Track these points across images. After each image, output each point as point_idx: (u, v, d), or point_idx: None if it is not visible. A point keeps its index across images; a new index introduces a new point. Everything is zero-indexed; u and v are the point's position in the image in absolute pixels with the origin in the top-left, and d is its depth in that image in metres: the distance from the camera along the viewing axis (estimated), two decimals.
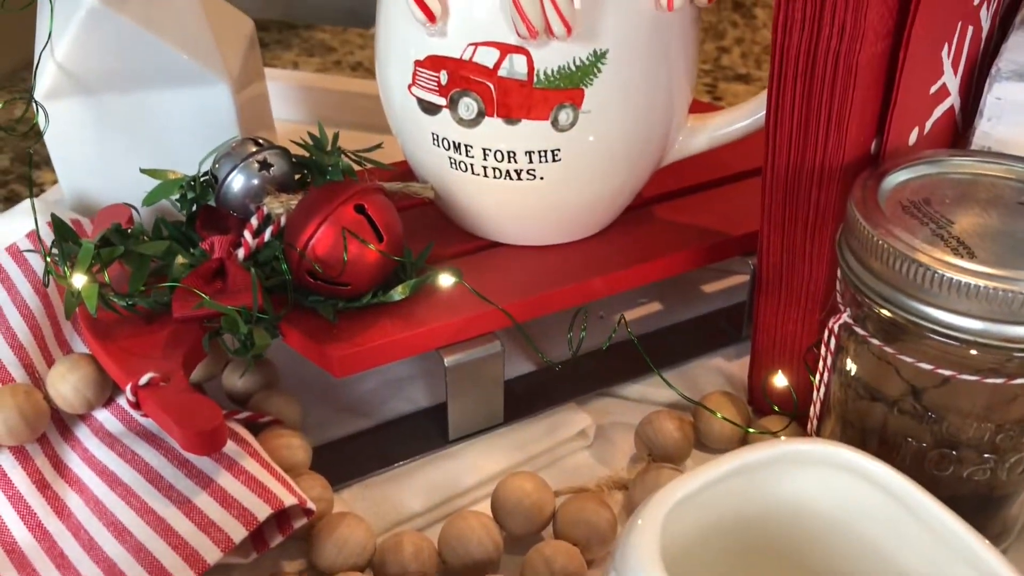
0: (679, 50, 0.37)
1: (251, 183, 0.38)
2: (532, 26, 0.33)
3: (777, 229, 0.36)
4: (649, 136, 0.38)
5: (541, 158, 0.36)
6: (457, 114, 0.36)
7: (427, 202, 0.41)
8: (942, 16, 0.33)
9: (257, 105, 0.48)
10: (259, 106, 0.49)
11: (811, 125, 0.33)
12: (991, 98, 0.36)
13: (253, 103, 0.48)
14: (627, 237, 0.41)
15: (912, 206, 0.31)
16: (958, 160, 0.32)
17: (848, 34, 0.31)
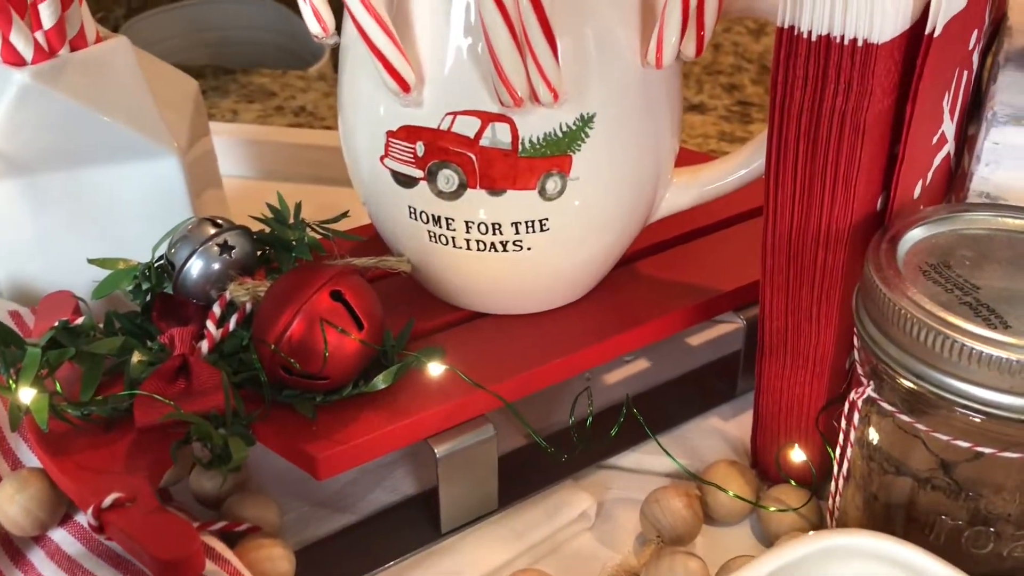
0: (665, 105, 0.35)
1: (211, 268, 0.35)
2: (516, 94, 0.30)
3: (780, 292, 0.34)
4: (638, 197, 0.36)
5: (528, 228, 0.34)
6: (436, 187, 0.33)
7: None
8: (945, 66, 0.31)
9: (205, 165, 0.45)
10: (207, 165, 0.46)
11: (816, 186, 0.31)
12: (988, 143, 0.35)
13: (201, 164, 0.44)
14: (614, 299, 0.39)
15: (932, 270, 0.29)
16: (970, 215, 0.31)
17: (855, 91, 0.29)
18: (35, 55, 0.36)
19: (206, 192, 0.45)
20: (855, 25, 0.28)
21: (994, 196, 0.36)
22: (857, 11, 0.28)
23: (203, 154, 0.45)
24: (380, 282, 0.40)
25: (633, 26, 0.32)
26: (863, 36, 0.28)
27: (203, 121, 0.46)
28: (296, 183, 0.61)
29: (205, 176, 0.45)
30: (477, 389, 0.34)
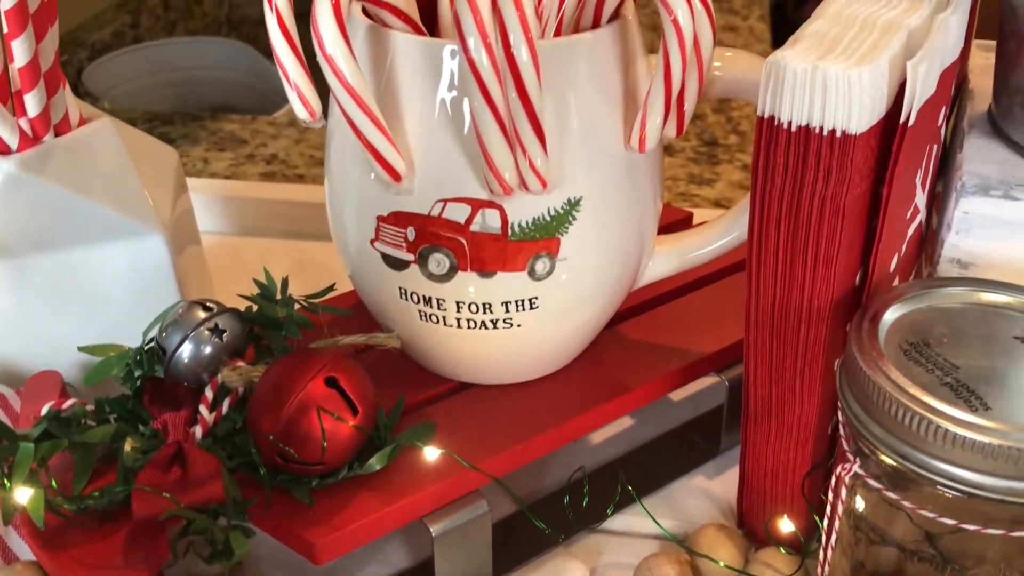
0: (649, 181, 0.36)
1: (203, 352, 0.35)
2: (507, 185, 0.31)
3: (764, 363, 0.35)
4: (624, 270, 0.37)
5: (519, 307, 0.34)
6: (427, 270, 0.34)
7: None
8: (918, 146, 0.32)
9: (185, 226, 0.45)
10: (186, 226, 0.46)
11: (797, 266, 0.32)
12: (959, 212, 0.36)
13: (181, 226, 0.44)
14: (599, 365, 0.40)
15: (913, 349, 0.30)
16: (944, 291, 0.32)
17: (835, 178, 0.30)
18: (20, 143, 0.36)
19: (187, 249, 0.45)
20: (834, 117, 0.29)
21: (965, 262, 0.37)
22: (835, 104, 0.29)
23: (183, 215, 0.45)
24: (368, 352, 0.40)
25: (617, 112, 0.33)
26: (841, 127, 0.29)
27: (182, 187, 0.46)
28: (273, 238, 0.61)
29: (185, 235, 0.45)
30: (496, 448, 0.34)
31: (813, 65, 0.29)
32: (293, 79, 0.34)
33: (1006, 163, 0.37)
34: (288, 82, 0.34)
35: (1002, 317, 0.31)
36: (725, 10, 1.43)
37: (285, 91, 0.34)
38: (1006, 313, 0.31)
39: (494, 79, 0.28)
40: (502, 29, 0.28)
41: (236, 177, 0.73)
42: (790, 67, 0.29)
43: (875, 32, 0.31)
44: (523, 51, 0.28)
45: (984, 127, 0.40)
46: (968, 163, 0.37)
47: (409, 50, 0.31)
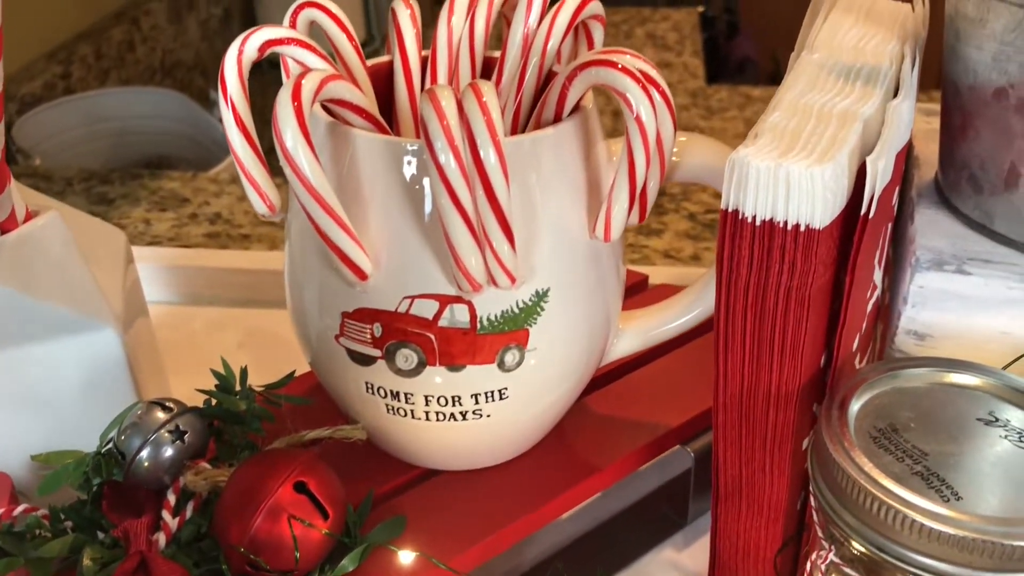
0: (614, 265, 0.36)
1: (164, 455, 0.34)
2: (476, 283, 0.31)
3: (733, 446, 0.35)
4: (591, 353, 0.37)
5: (488, 398, 0.34)
6: (395, 365, 0.33)
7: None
8: (876, 232, 0.33)
9: (134, 301, 0.44)
10: (135, 301, 0.44)
11: (764, 354, 0.32)
12: (914, 287, 0.37)
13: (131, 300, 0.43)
14: (566, 445, 0.40)
15: (882, 436, 0.30)
16: (908, 372, 0.33)
17: (799, 270, 0.30)
18: None
19: (139, 334, 0.43)
20: (797, 212, 0.29)
21: (921, 333, 0.38)
22: (799, 200, 0.29)
23: (133, 298, 0.44)
24: (332, 440, 0.39)
25: (581, 202, 0.33)
26: (805, 222, 0.29)
27: (131, 268, 0.45)
28: (223, 306, 0.60)
29: (136, 319, 0.44)
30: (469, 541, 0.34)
31: (776, 163, 0.29)
32: (251, 174, 0.33)
33: (956, 236, 0.38)
34: (245, 176, 0.34)
35: (966, 398, 0.32)
36: (659, 46, 1.46)
37: (243, 186, 0.34)
38: (969, 393, 0.32)
39: (461, 182, 0.28)
40: (469, 133, 0.28)
41: (179, 239, 0.72)
42: (753, 164, 0.29)
43: (832, 123, 0.31)
44: (491, 154, 0.28)
45: (932, 197, 0.41)
46: (920, 236, 0.38)
47: (371, 149, 0.31)
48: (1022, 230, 0.37)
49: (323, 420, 0.39)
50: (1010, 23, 0.34)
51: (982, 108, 0.36)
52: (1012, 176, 0.36)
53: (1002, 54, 0.34)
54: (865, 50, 0.37)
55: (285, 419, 0.37)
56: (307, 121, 0.29)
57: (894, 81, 0.35)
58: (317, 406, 0.39)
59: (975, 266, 0.37)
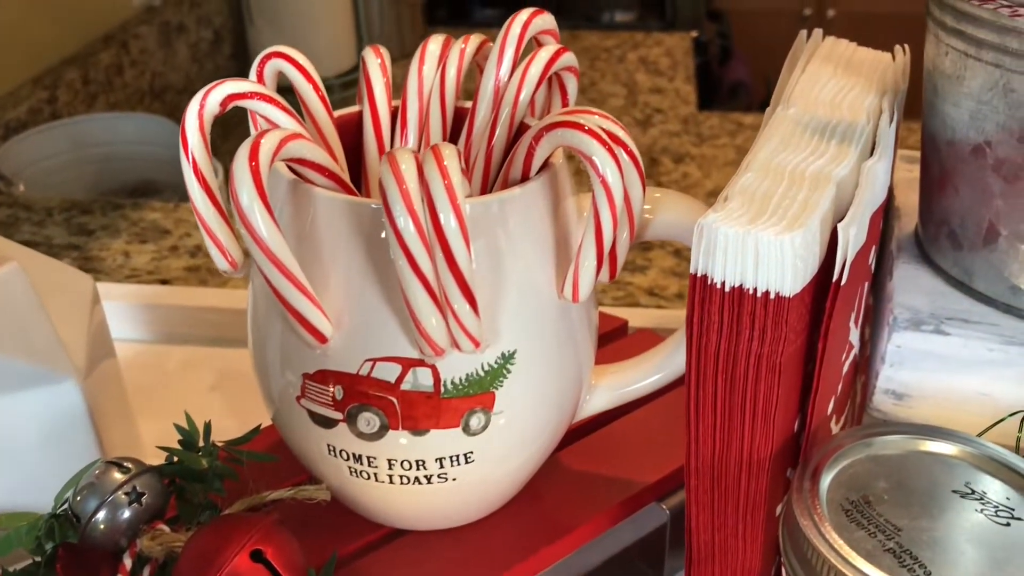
0: (585, 326, 0.35)
1: (120, 518, 0.33)
2: (438, 348, 0.30)
3: (706, 510, 0.34)
4: (562, 412, 0.36)
5: (453, 462, 0.33)
6: (357, 428, 0.32)
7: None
8: (851, 294, 0.32)
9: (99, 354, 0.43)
10: (101, 353, 0.43)
11: (735, 420, 0.31)
12: (892, 346, 0.36)
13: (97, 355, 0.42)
14: (539, 503, 0.39)
15: (854, 508, 0.30)
16: (884, 439, 0.32)
17: (770, 337, 0.30)
18: None
19: (104, 383, 0.43)
20: (767, 279, 0.29)
21: (900, 393, 0.37)
22: (769, 268, 0.28)
23: (98, 345, 0.43)
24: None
25: (549, 262, 0.32)
26: (775, 289, 0.29)
27: (97, 314, 0.44)
28: (197, 345, 0.59)
29: (101, 367, 0.43)
30: None
31: (745, 229, 0.28)
32: (212, 230, 0.33)
33: (935, 293, 0.37)
34: (207, 232, 0.33)
35: (941, 467, 0.31)
36: (652, 72, 1.46)
37: (204, 241, 0.33)
38: (945, 462, 0.31)
39: (420, 247, 0.28)
40: (428, 198, 0.27)
41: (158, 272, 0.71)
42: (722, 230, 0.29)
43: (805, 187, 0.31)
44: (451, 219, 0.27)
45: (912, 251, 0.40)
46: (899, 294, 0.37)
47: (332, 209, 0.30)
48: (1001, 289, 0.36)
49: (289, 476, 0.38)
50: (987, 82, 0.33)
51: (960, 165, 0.36)
52: (991, 234, 0.36)
53: (979, 112, 0.34)
54: (842, 104, 0.36)
55: (247, 483, 0.36)
56: (266, 180, 0.28)
57: (871, 138, 0.34)
58: (283, 462, 0.38)
59: (954, 326, 0.36)
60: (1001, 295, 0.36)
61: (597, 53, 1.72)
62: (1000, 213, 0.35)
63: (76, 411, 0.38)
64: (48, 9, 1.12)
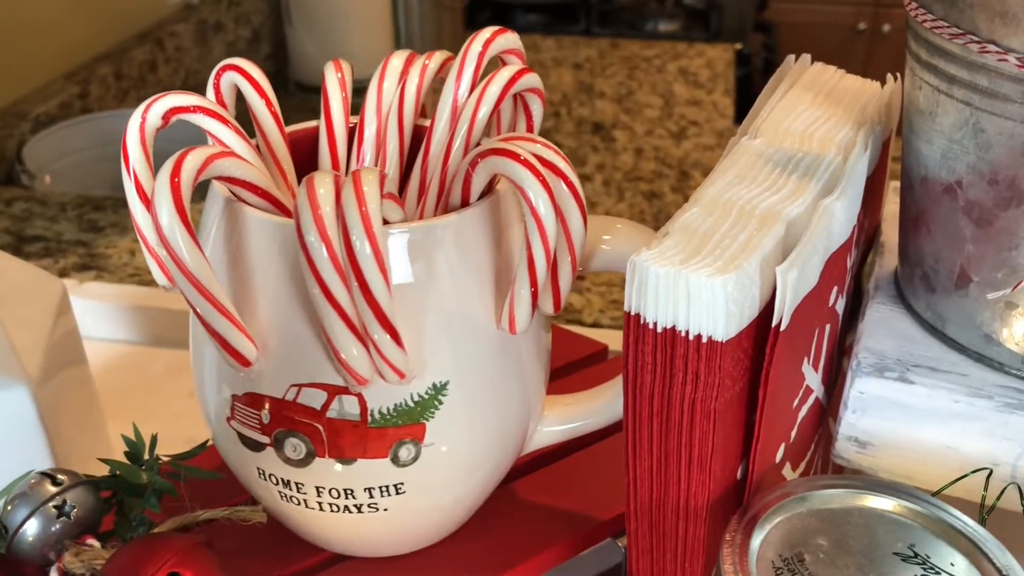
0: (529, 356, 0.34)
1: (49, 531, 0.33)
2: (360, 378, 0.29)
3: (645, 555, 0.33)
4: (504, 445, 0.35)
5: (383, 493, 0.32)
6: (284, 454, 0.32)
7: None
8: (798, 340, 0.31)
9: (62, 361, 0.43)
10: (66, 361, 0.43)
11: (671, 465, 0.30)
12: (854, 391, 0.35)
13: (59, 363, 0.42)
14: (489, 533, 0.38)
15: (785, 567, 0.28)
16: (827, 493, 0.30)
17: (703, 382, 0.28)
18: None
19: (64, 390, 0.42)
20: (699, 323, 0.27)
21: (863, 441, 0.35)
22: (700, 310, 0.27)
23: (61, 353, 0.43)
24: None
25: (487, 291, 0.31)
26: (707, 333, 0.27)
27: (66, 321, 0.44)
28: (183, 349, 0.59)
29: (64, 375, 0.43)
30: None
31: (676, 269, 0.27)
32: (151, 246, 0.32)
33: (906, 337, 0.36)
34: (147, 248, 0.32)
35: (886, 526, 0.29)
36: (691, 83, 1.44)
37: (145, 256, 0.33)
38: (892, 520, 0.30)
39: (334, 275, 0.27)
40: (344, 225, 0.26)
41: None
42: (652, 270, 0.27)
43: (751, 224, 0.29)
44: (365, 247, 0.26)
45: (890, 291, 0.38)
46: (867, 337, 0.36)
47: (258, 229, 0.30)
48: (973, 337, 0.34)
49: (233, 495, 0.38)
50: (957, 120, 0.31)
51: (932, 206, 0.34)
52: (962, 279, 0.34)
53: (951, 152, 0.32)
54: (813, 137, 0.35)
55: (190, 495, 0.36)
56: (187, 198, 0.28)
57: (837, 174, 0.33)
58: (229, 480, 0.37)
59: (920, 374, 0.34)
60: (973, 343, 0.34)
61: (636, 63, 1.70)
62: (971, 258, 0.33)
63: (27, 419, 0.38)
64: (85, 7, 1.14)
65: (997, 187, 0.31)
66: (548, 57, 1.83)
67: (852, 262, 0.37)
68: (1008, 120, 0.30)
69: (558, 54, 1.83)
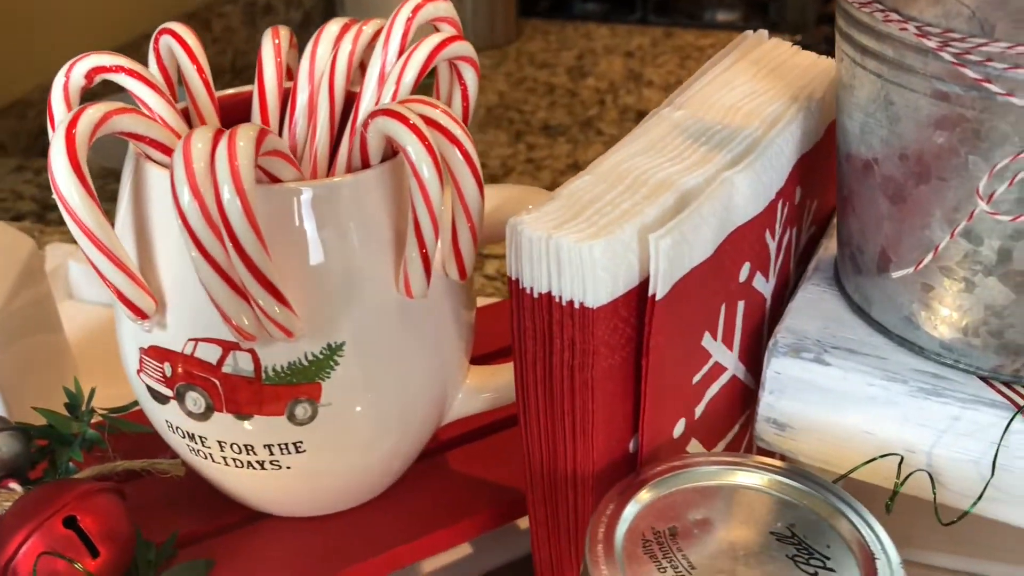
0: (442, 323, 0.34)
1: None
2: (246, 333, 0.30)
3: (542, 526, 0.33)
4: (411, 410, 0.35)
5: (282, 450, 0.33)
6: (186, 407, 0.32)
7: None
8: (693, 313, 0.30)
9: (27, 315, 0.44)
10: (31, 315, 0.45)
11: (558, 433, 0.30)
12: (771, 372, 0.34)
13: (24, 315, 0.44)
14: (414, 498, 0.38)
15: (655, 540, 0.28)
16: (713, 469, 0.30)
17: (579, 350, 0.28)
18: None
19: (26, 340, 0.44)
20: (571, 288, 0.27)
21: (781, 423, 0.34)
22: (571, 276, 0.27)
23: (28, 303, 0.44)
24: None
25: (387, 255, 0.31)
26: (579, 300, 0.27)
27: (38, 280, 0.45)
28: None
29: (26, 327, 0.44)
30: None
31: (548, 234, 0.27)
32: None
33: (833, 319, 0.35)
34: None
35: (768, 505, 0.29)
36: None
37: None
38: (775, 499, 0.29)
39: (207, 232, 0.27)
40: (215, 181, 0.27)
41: None
42: (526, 234, 0.27)
43: (640, 193, 0.29)
44: (236, 203, 0.27)
45: (828, 271, 0.37)
46: (791, 317, 0.35)
47: (155, 184, 0.30)
48: (895, 320, 0.33)
49: (164, 450, 0.38)
50: (871, 93, 0.30)
51: (856, 183, 0.33)
52: (884, 260, 0.33)
53: (867, 126, 0.31)
54: (741, 110, 0.34)
55: (123, 448, 0.37)
56: (83, 152, 0.29)
57: (753, 148, 0.32)
58: (156, 436, 0.38)
59: (837, 356, 0.33)
60: (896, 326, 0.33)
61: (689, 52, 1.67)
62: (889, 238, 0.32)
63: None
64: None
65: (907, 162, 0.30)
66: (600, 45, 1.82)
67: (786, 242, 0.36)
68: (912, 92, 0.28)
69: (610, 42, 1.82)
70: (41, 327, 0.46)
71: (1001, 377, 0.31)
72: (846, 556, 0.27)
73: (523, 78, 1.68)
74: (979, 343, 0.31)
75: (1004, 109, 0.26)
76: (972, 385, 0.31)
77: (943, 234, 0.30)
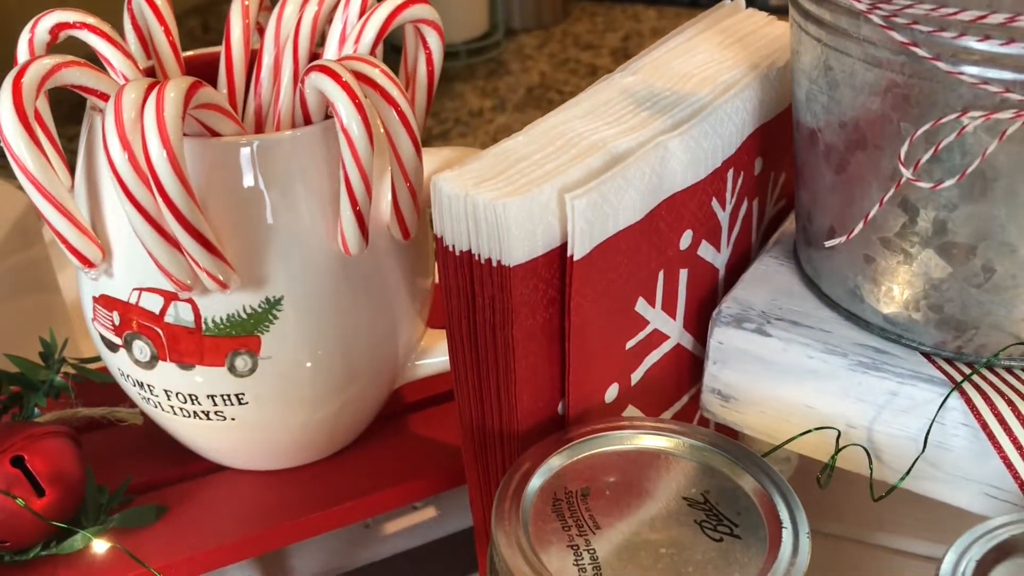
0: (391, 283, 0.34)
1: None
2: (181, 282, 0.30)
3: (476, 486, 0.33)
4: (360, 370, 0.35)
5: (225, 401, 0.34)
6: (133, 355, 0.33)
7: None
8: (622, 278, 0.30)
9: (32, 274, 0.46)
10: (35, 276, 0.46)
11: (485, 390, 0.30)
12: (714, 342, 0.33)
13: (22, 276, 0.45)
14: (371, 456, 0.39)
15: (565, 500, 0.28)
16: (630, 432, 0.29)
17: (499, 309, 0.28)
18: None
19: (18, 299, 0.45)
20: (488, 247, 0.27)
21: (725, 394, 0.34)
22: (488, 234, 0.27)
23: (27, 266, 0.46)
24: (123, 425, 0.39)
25: (326, 214, 0.32)
26: (496, 258, 0.27)
27: (29, 238, 0.47)
28: None
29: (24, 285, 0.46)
30: (190, 552, 0.34)
31: (465, 192, 0.27)
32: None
33: (783, 291, 0.34)
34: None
35: (686, 471, 0.29)
36: None
37: None
38: (693, 466, 0.29)
39: (138, 183, 0.28)
40: (143, 132, 0.27)
41: None
42: (445, 191, 0.27)
43: (568, 154, 0.29)
44: (162, 155, 0.27)
45: (788, 244, 0.37)
46: (740, 288, 0.34)
47: (100, 133, 0.31)
48: (842, 293, 0.33)
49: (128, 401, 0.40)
50: (813, 59, 0.30)
51: (805, 153, 0.32)
52: (830, 232, 0.32)
53: (811, 93, 0.31)
54: (695, 77, 0.34)
55: (98, 399, 0.38)
56: (31, 102, 0.30)
57: (697, 114, 0.32)
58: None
59: (779, 327, 0.33)
60: (842, 299, 0.33)
61: None
62: (833, 208, 0.31)
63: None
64: None
65: (846, 129, 0.29)
66: (647, 27, 1.80)
67: (743, 214, 0.36)
68: (848, 57, 0.28)
69: (657, 24, 1.80)
70: (34, 287, 0.47)
71: (943, 353, 0.31)
72: (756, 524, 0.27)
73: (566, 59, 1.67)
74: (920, 317, 0.31)
75: (931, 73, 0.26)
76: (912, 361, 0.31)
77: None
